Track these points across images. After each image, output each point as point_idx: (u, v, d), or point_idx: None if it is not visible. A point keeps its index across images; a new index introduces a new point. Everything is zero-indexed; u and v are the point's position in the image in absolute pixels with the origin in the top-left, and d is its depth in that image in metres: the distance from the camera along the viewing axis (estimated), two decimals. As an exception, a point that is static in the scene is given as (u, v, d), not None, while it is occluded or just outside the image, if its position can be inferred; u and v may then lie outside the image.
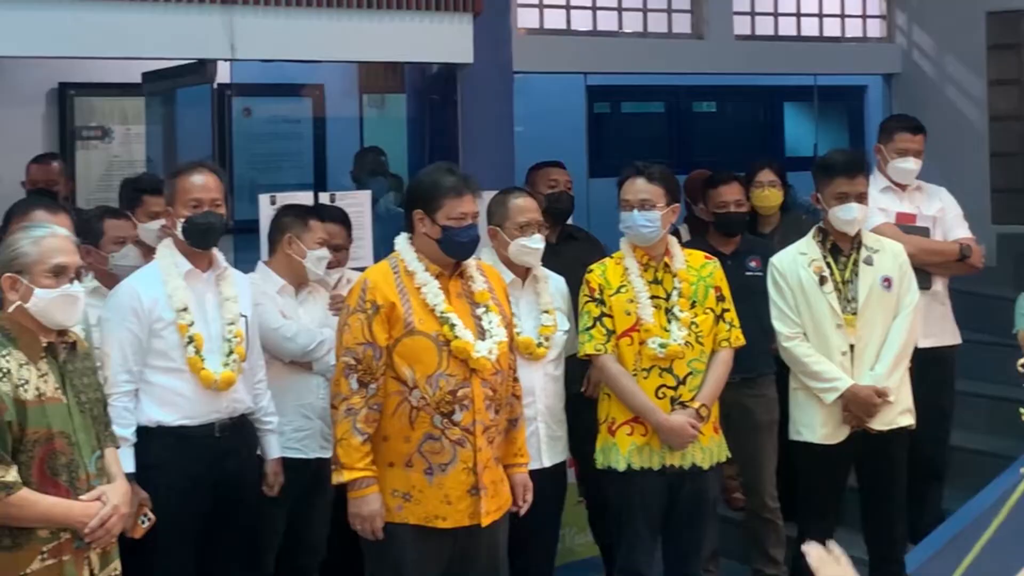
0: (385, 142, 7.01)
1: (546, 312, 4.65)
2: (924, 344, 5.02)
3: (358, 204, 5.32)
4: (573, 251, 5.21)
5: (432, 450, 3.84)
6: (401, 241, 4.01)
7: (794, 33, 8.02)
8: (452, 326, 3.87)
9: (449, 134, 6.15)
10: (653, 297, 4.47)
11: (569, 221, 5.68)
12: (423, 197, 3.96)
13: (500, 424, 4.00)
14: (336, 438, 3.87)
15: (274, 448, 4.46)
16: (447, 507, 3.85)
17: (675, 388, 4.43)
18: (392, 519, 3.84)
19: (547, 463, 4.61)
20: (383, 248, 4.22)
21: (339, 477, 3.86)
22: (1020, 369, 2.12)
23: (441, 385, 3.83)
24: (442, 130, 6.28)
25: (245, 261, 4.82)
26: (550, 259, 5.00)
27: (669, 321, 4.45)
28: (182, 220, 4.23)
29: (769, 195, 5.83)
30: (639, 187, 4.48)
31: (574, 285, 4.67)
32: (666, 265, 4.53)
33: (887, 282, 4.73)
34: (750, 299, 4.92)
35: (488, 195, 4.64)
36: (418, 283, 3.91)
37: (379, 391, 3.84)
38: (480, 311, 3.97)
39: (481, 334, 3.92)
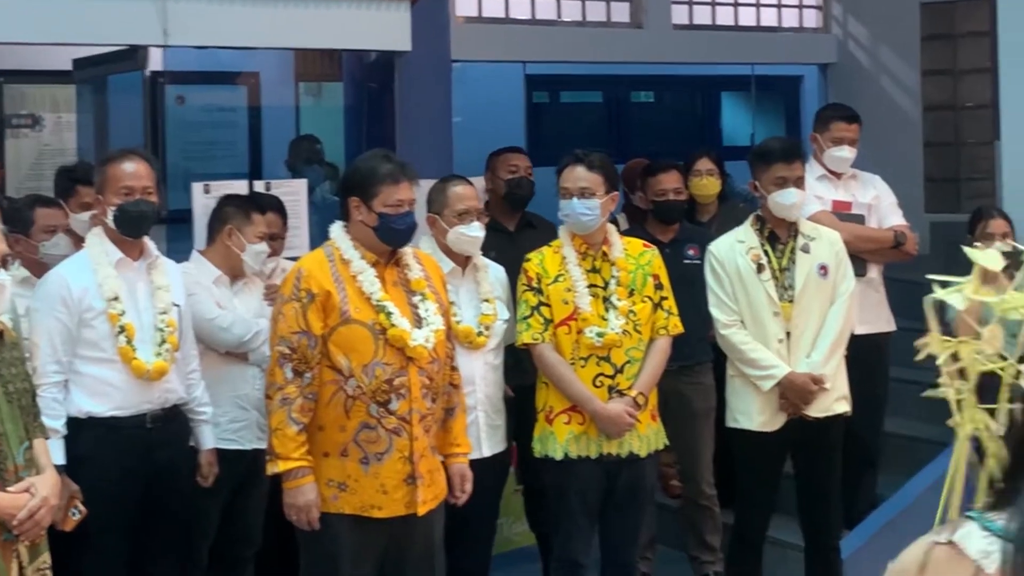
0: (322, 131, 6.95)
1: (486, 301, 4.64)
2: (859, 331, 5.06)
3: (294, 193, 5.26)
4: (531, 239, 5.17)
5: (368, 439, 3.81)
6: (336, 229, 3.98)
7: (732, 23, 8.06)
8: (388, 314, 3.84)
9: (386, 123, 6.10)
10: (591, 286, 4.47)
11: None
12: (359, 184, 3.93)
13: (437, 413, 3.98)
14: (271, 428, 3.83)
15: (208, 439, 4.42)
16: (383, 497, 3.83)
17: (613, 377, 4.44)
18: (327, 509, 3.82)
19: (487, 452, 4.60)
20: (319, 238, 4.19)
21: (274, 467, 3.82)
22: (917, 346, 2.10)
23: (377, 374, 3.80)
24: (379, 119, 6.24)
25: (178, 251, 4.75)
26: (508, 247, 5.00)
27: (607, 310, 4.45)
28: (113, 208, 4.17)
29: (707, 184, 5.86)
30: (578, 175, 4.48)
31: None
32: (604, 254, 4.53)
33: (823, 270, 4.76)
34: (688, 287, 4.93)
35: (426, 184, 4.61)
36: (354, 271, 3.88)
37: (314, 380, 3.81)
38: (416, 299, 3.95)
39: (418, 322, 3.90)
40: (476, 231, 4.58)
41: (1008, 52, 5.78)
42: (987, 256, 2.02)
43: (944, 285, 2.13)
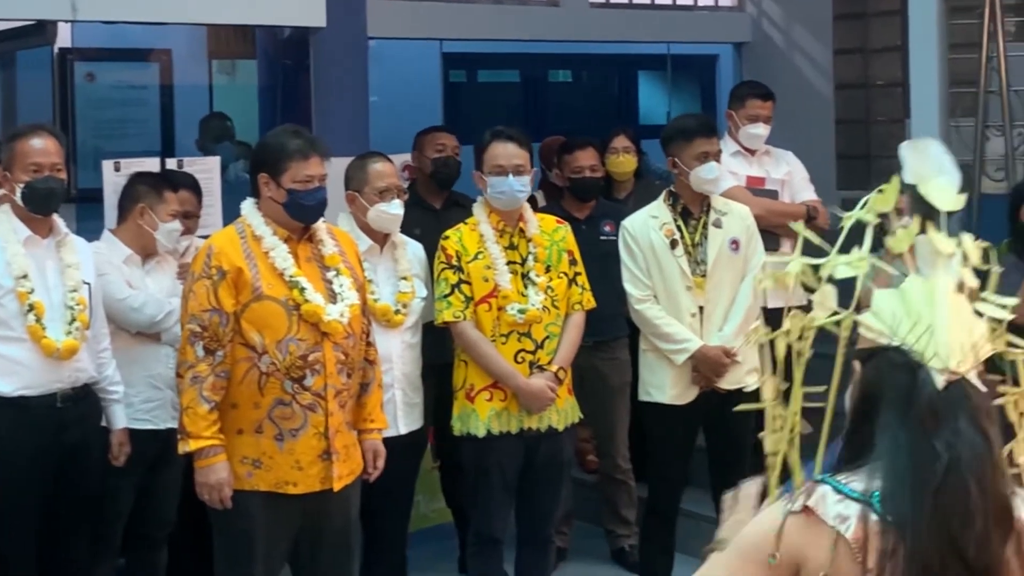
0: (236, 109, 6.86)
1: (404, 279, 4.64)
2: (772, 304, 5.12)
3: (207, 171, 5.19)
4: (457, 218, 5.16)
5: (282, 416, 3.80)
6: (247, 206, 3.95)
7: (648, 1, 8.09)
8: (302, 290, 3.82)
9: (302, 100, 6.04)
10: (509, 263, 4.49)
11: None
12: (268, 160, 3.91)
13: (352, 388, 3.97)
14: (182, 407, 3.81)
15: (119, 418, 4.37)
16: (298, 473, 3.82)
17: (533, 352, 4.47)
18: (241, 487, 3.80)
19: (403, 430, 4.61)
20: (233, 216, 4.15)
21: (185, 446, 3.79)
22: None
23: (291, 350, 3.79)
24: (295, 96, 6.18)
25: (88, 231, 4.68)
26: (434, 225, 4.99)
27: (526, 286, 4.48)
28: (21, 185, 4.11)
29: (624, 161, 5.91)
30: (513, 152, 4.50)
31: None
32: (521, 230, 4.55)
33: (735, 244, 4.82)
34: (604, 263, 4.98)
35: (340, 161, 4.59)
36: (266, 248, 3.85)
37: (227, 358, 3.78)
38: (331, 275, 3.93)
39: (332, 298, 3.89)
40: (397, 208, 4.58)
41: (918, 31, 5.87)
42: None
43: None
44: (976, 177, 6.19)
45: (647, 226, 4.82)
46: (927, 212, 1.99)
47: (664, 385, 4.78)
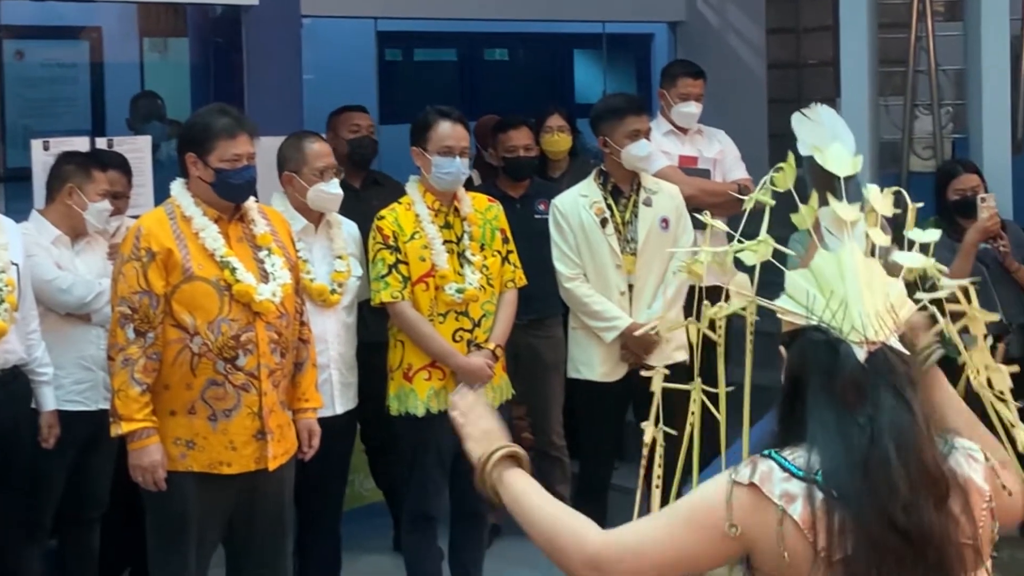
0: (168, 87, 6.81)
1: (339, 258, 4.64)
2: (708, 283, 5.16)
3: (138, 150, 5.16)
4: (377, 197, 5.17)
5: (215, 396, 3.80)
6: (177, 186, 3.94)
7: (584, -21, 8.10)
8: (233, 270, 3.82)
9: (234, 79, 6.01)
10: (446, 242, 4.50)
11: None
12: (195, 140, 3.89)
13: (286, 368, 3.97)
14: (113, 389, 3.80)
15: (49, 400, 4.35)
16: (232, 453, 3.82)
17: (471, 331, 4.51)
18: (175, 468, 3.80)
19: (339, 410, 4.62)
20: (165, 196, 4.13)
21: (117, 429, 3.78)
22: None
23: (223, 330, 3.78)
24: (227, 75, 6.14)
25: (17, 211, 4.64)
26: (354, 205, 4.98)
27: (462, 265, 4.50)
28: (-54, 166, 4.06)
29: (558, 140, 5.94)
30: (461, 134, 4.52)
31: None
32: (456, 209, 4.57)
33: (665, 223, 4.87)
34: (539, 242, 5.00)
35: (273, 140, 4.57)
36: (196, 228, 3.84)
37: (158, 340, 3.77)
38: (262, 254, 3.93)
39: (264, 277, 3.89)
40: (336, 188, 4.58)
41: (848, 11, 5.93)
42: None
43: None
44: (904, 155, 6.28)
45: (577, 204, 4.85)
46: (826, 182, 2.01)
47: (593, 362, 4.82)
